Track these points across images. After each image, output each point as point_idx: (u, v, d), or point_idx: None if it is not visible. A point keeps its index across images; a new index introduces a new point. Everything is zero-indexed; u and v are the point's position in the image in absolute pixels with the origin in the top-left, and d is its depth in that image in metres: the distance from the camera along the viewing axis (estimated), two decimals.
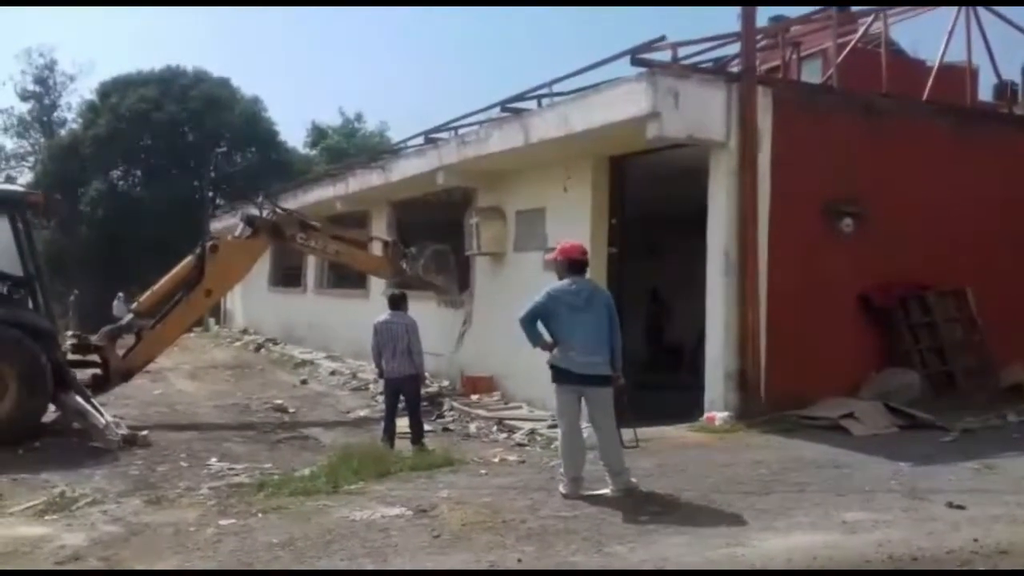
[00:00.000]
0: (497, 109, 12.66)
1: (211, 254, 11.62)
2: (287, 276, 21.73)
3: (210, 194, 35.99)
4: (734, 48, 11.16)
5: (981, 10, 11.52)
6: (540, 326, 6.76)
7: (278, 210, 12.78)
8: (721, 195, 9.46)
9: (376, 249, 13.67)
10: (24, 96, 43.75)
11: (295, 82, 72.52)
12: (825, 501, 6.38)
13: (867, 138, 10.18)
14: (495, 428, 10.26)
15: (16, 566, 5.36)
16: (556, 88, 11.62)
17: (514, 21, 76.20)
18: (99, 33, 70.07)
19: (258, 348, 21.31)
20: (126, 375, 11.29)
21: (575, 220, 10.95)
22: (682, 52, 10.32)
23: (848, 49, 11.44)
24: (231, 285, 12.65)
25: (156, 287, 11.75)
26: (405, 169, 14.72)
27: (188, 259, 11.76)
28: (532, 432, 9.76)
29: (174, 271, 11.76)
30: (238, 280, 13.19)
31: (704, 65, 11.11)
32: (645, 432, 8.40)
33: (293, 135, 51.41)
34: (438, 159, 13.36)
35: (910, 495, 6.50)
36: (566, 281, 6.80)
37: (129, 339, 11.57)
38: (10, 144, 45.32)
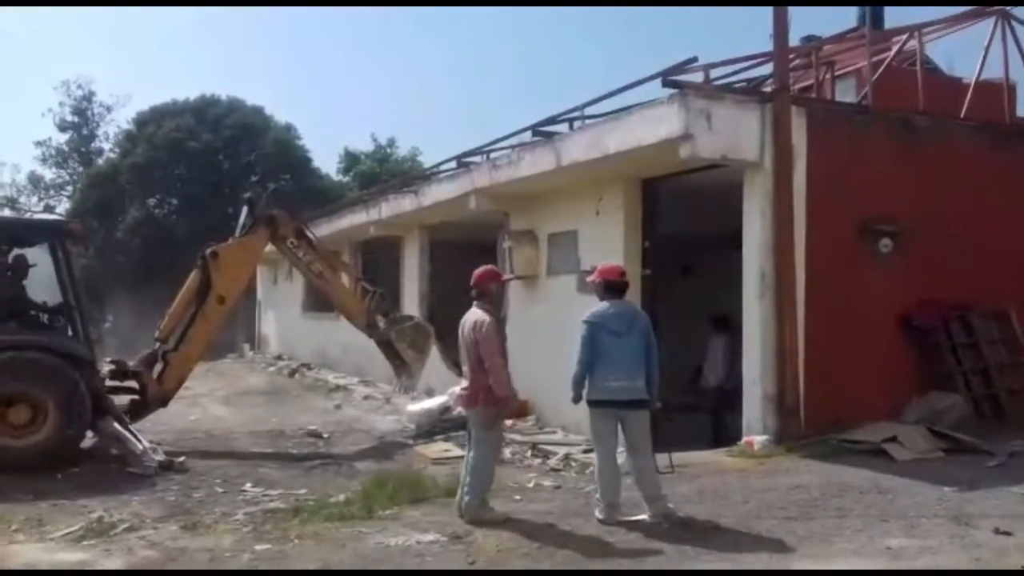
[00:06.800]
0: (529, 133, 12.69)
1: (213, 261, 11.61)
2: (321, 302, 21.84)
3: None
4: (767, 69, 11.12)
5: (1017, 25, 11.39)
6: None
7: (281, 210, 12.55)
8: (756, 215, 9.38)
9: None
10: (63, 127, 44.59)
11: (328, 109, 73.27)
12: (868, 527, 6.27)
13: (904, 157, 10.06)
14: (529, 453, 10.17)
15: None
16: (588, 111, 11.64)
17: (545, 44, 76.66)
18: (136, 64, 71.47)
19: (292, 373, 21.38)
20: (162, 400, 11.34)
21: (608, 243, 10.90)
22: (714, 73, 10.31)
23: (883, 67, 11.34)
24: (241, 288, 12.40)
25: (171, 310, 11.73)
26: (437, 194, 14.77)
27: (193, 273, 11.74)
28: (567, 457, 9.67)
29: (183, 289, 11.76)
30: (247, 280, 13.00)
31: (737, 86, 11.05)
32: (683, 457, 8.33)
33: (326, 162, 51.83)
34: (470, 183, 13.38)
35: (955, 521, 6.37)
36: (605, 304, 6.77)
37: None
38: (49, 174, 46.19)
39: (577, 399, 6.79)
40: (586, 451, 9.46)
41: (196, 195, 37.22)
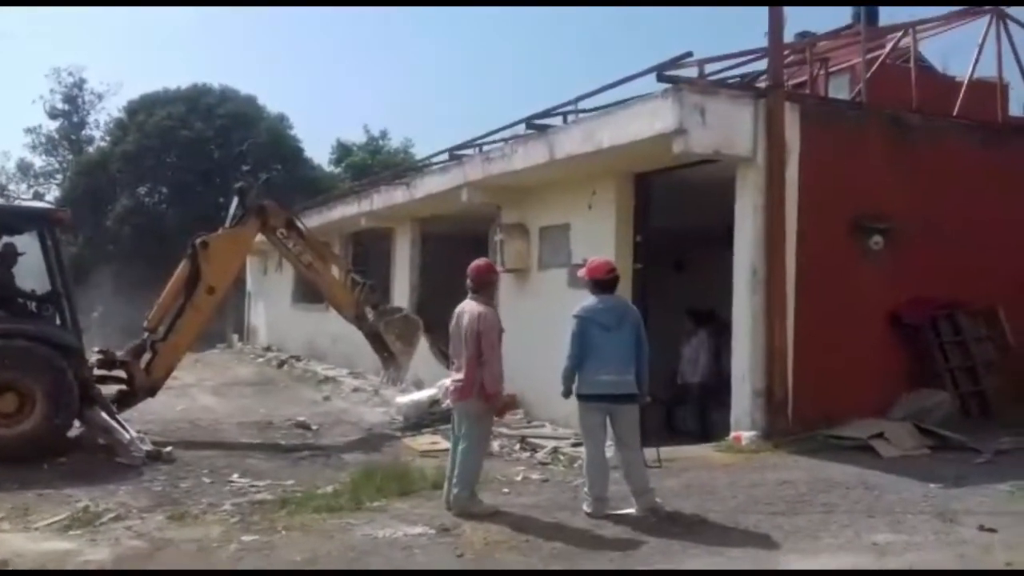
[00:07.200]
0: (522, 126, 12.66)
1: (203, 251, 11.54)
2: (311, 293, 21.82)
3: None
4: (761, 65, 11.13)
5: (1012, 24, 11.41)
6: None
7: (272, 201, 12.52)
8: (748, 211, 9.39)
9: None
10: (53, 114, 44.26)
11: (321, 99, 73.00)
12: (854, 523, 6.30)
13: (896, 154, 10.08)
14: (518, 446, 10.18)
15: None
16: (582, 105, 11.62)
17: (541, 38, 76.56)
18: (128, 52, 71.06)
19: (281, 364, 21.36)
20: (150, 390, 11.30)
21: (600, 237, 10.89)
22: (709, 68, 10.28)
23: (877, 65, 11.34)
24: (231, 278, 12.30)
25: (160, 300, 11.69)
26: (429, 186, 14.74)
27: (182, 263, 11.68)
28: (555, 451, 9.68)
29: (173, 279, 11.70)
30: (237, 270, 12.96)
31: (731, 81, 11.05)
32: (671, 452, 8.34)
33: (318, 152, 51.70)
34: (462, 176, 13.36)
35: (941, 517, 6.40)
36: (595, 299, 6.76)
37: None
38: (39, 162, 45.87)
39: (567, 393, 6.78)
40: (574, 445, 9.47)
41: (187, 184, 37.06)
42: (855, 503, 6.84)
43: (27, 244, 10.45)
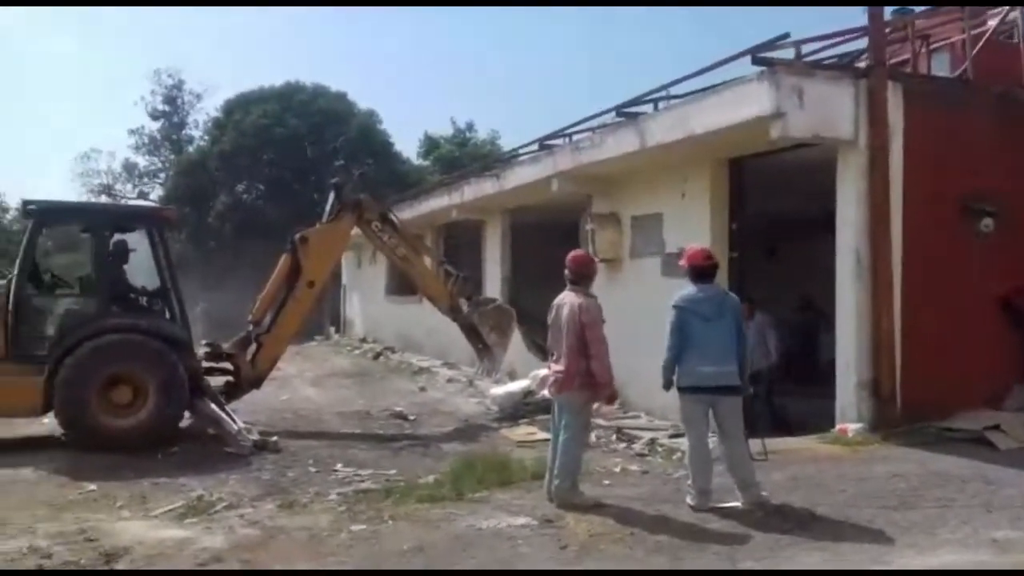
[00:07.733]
0: (612, 114, 12.56)
1: (302, 246, 11.83)
2: (404, 285, 22.14)
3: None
4: (859, 44, 10.78)
5: None
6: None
7: (367, 195, 12.77)
8: (850, 195, 9.11)
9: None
10: (154, 115, 45.82)
11: (407, 93, 73.90)
12: (972, 518, 6.07)
13: (1006, 133, 9.63)
14: (614, 437, 10.14)
15: (161, 566, 5.61)
16: (673, 91, 11.46)
17: (629, 25, 75.80)
18: (224, 52, 73.11)
19: (377, 356, 21.76)
20: (256, 381, 11.65)
21: (694, 225, 10.73)
22: (805, 49, 10.00)
23: (983, 41, 10.85)
24: (329, 270, 12.69)
25: (263, 294, 12.06)
26: (520, 177, 14.77)
27: (283, 257, 12.01)
28: (652, 442, 9.60)
29: (274, 273, 12.04)
30: (334, 263, 13.36)
31: (829, 62, 10.73)
32: (772, 444, 8.17)
33: (407, 146, 52.28)
34: (552, 166, 13.34)
35: None
36: (693, 289, 6.67)
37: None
38: (142, 161, 47.51)
39: (668, 385, 6.71)
40: (672, 436, 9.40)
41: (283, 181, 38.00)
42: (972, 497, 6.59)
43: (137, 242, 10.89)
